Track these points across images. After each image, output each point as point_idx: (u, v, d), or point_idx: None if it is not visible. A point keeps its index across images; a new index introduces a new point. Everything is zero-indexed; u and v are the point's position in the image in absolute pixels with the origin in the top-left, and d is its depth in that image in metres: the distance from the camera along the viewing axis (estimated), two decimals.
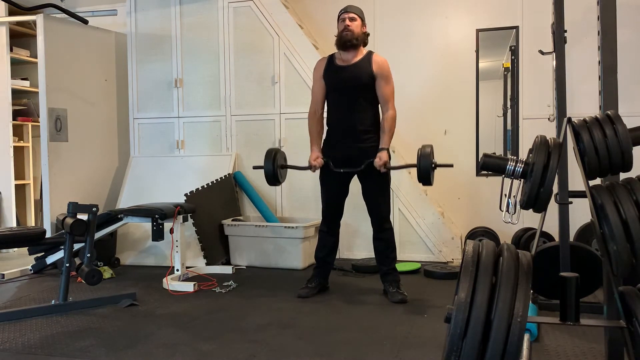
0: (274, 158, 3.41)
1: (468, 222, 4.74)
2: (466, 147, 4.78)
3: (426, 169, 3.09)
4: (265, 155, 3.43)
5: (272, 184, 3.51)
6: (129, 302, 3.32)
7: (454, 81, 4.79)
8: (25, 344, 2.64)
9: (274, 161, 3.40)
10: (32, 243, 3.59)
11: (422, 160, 3.10)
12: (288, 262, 4.29)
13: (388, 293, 3.37)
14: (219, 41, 4.94)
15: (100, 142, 5.12)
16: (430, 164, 3.10)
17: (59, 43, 4.69)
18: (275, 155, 3.43)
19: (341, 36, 3.35)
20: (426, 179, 3.13)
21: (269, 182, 3.46)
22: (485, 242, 1.52)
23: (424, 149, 3.14)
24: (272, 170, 3.39)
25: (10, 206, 5.19)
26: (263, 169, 3.41)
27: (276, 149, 3.49)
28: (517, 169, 1.95)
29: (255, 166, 3.61)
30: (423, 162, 3.09)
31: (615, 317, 1.91)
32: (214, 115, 4.99)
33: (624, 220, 1.63)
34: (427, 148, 3.14)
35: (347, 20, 3.34)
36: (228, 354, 2.48)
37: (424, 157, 3.10)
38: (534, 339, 2.55)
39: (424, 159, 3.10)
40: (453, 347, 1.34)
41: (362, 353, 2.47)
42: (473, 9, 4.76)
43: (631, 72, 4.22)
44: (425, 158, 3.10)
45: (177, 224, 3.89)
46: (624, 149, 1.81)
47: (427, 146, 3.16)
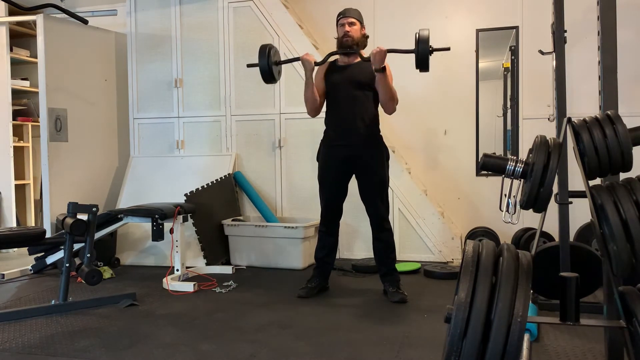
0: (268, 54, 3.31)
1: (468, 222, 4.74)
2: (466, 147, 4.78)
3: (424, 53, 3.03)
4: (259, 52, 3.32)
5: (268, 82, 3.39)
6: (129, 302, 3.32)
7: (454, 81, 4.79)
8: (25, 344, 2.64)
9: (268, 57, 3.30)
10: (32, 243, 3.59)
11: (420, 45, 3.04)
12: (288, 262, 4.29)
13: (388, 293, 3.37)
14: (219, 41, 4.94)
15: (100, 142, 5.12)
16: (428, 49, 3.04)
17: (59, 43, 4.69)
18: (269, 51, 3.32)
19: (342, 42, 3.36)
20: (424, 64, 3.08)
21: (264, 79, 3.36)
22: (485, 242, 1.52)
23: (422, 32, 3.07)
24: (267, 66, 3.29)
25: (10, 206, 5.19)
26: (258, 66, 3.31)
27: (269, 45, 3.37)
28: (517, 169, 1.95)
29: (250, 64, 3.47)
30: (421, 46, 3.03)
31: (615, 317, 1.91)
32: (214, 115, 4.99)
33: (624, 220, 1.63)
34: (424, 31, 3.07)
35: (347, 26, 3.34)
36: (228, 354, 2.48)
37: (422, 42, 3.04)
38: (534, 339, 2.55)
39: (422, 44, 3.04)
40: (453, 347, 1.34)
41: (362, 353, 2.47)
42: (473, 9, 4.77)
43: (631, 72, 4.23)
44: (423, 43, 3.04)
45: (177, 224, 3.89)
46: (624, 149, 1.81)
47: (424, 29, 3.09)
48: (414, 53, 3.07)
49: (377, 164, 3.39)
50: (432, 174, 4.88)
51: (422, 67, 3.10)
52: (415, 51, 3.06)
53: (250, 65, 3.43)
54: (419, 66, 3.09)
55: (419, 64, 3.08)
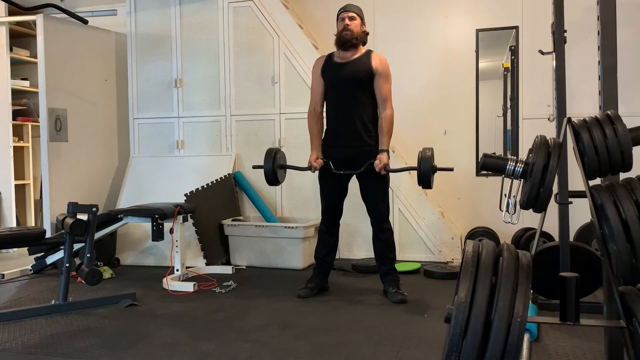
0: (274, 158, 3.40)
1: (468, 222, 4.74)
2: (466, 147, 4.78)
3: (426, 173, 3.10)
4: (265, 155, 3.42)
5: (272, 184, 3.50)
6: (129, 302, 3.32)
7: (454, 81, 4.79)
8: (25, 344, 2.64)
9: (274, 161, 3.40)
10: (32, 243, 3.59)
11: (422, 164, 3.10)
12: (288, 262, 4.29)
13: (388, 293, 3.36)
14: (219, 41, 4.94)
15: (100, 142, 5.11)
16: (431, 168, 3.10)
17: (59, 43, 4.69)
18: (275, 155, 3.42)
19: (341, 35, 3.35)
20: (426, 183, 3.14)
21: (268, 182, 3.46)
22: (485, 242, 1.52)
23: (425, 152, 3.14)
24: (271, 170, 3.39)
25: (10, 206, 5.19)
26: (263, 168, 3.41)
27: (276, 148, 3.49)
28: (517, 169, 1.95)
29: (255, 166, 3.61)
30: (423, 165, 3.10)
31: (615, 317, 1.91)
32: (214, 115, 4.99)
33: (624, 220, 1.63)
34: (427, 151, 3.14)
35: (347, 20, 3.34)
36: (228, 354, 2.48)
37: (425, 161, 3.10)
38: (534, 339, 2.55)
39: (425, 162, 3.10)
40: (453, 347, 1.34)
41: (362, 353, 2.47)
42: (473, 9, 4.76)
43: (631, 72, 4.22)
44: (426, 161, 3.10)
45: (177, 224, 3.89)
46: (623, 149, 1.81)
47: (427, 149, 3.17)
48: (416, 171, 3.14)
49: None
50: None
51: (424, 185, 3.16)
52: (417, 169, 3.12)
53: (256, 167, 3.55)
54: (421, 184, 3.17)
55: (421, 182, 3.15)
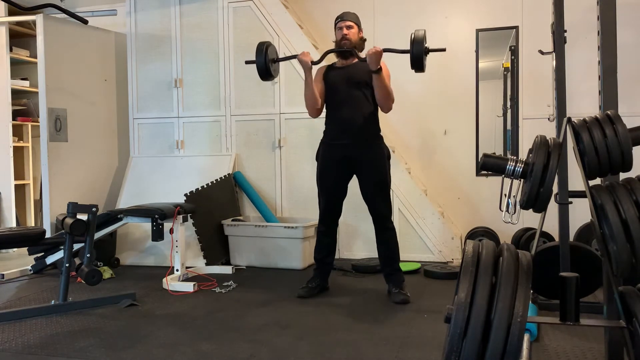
0: (265, 52, 3.32)
1: (468, 222, 4.74)
2: (466, 147, 4.78)
3: (419, 54, 3.03)
4: (256, 49, 3.33)
5: (266, 79, 3.40)
6: (129, 302, 3.32)
7: (454, 81, 4.79)
8: (25, 344, 2.64)
9: (265, 54, 3.31)
10: (32, 243, 3.59)
11: (414, 46, 3.03)
12: (288, 262, 4.29)
13: (391, 293, 3.37)
14: (219, 41, 4.94)
15: (100, 142, 5.11)
16: (423, 50, 3.04)
17: (58, 43, 4.69)
18: (267, 48, 3.33)
19: (340, 45, 3.39)
20: (419, 65, 3.08)
21: (261, 76, 3.36)
22: (485, 242, 1.52)
23: (417, 32, 3.06)
24: (263, 64, 3.29)
25: (10, 206, 5.19)
26: (255, 63, 3.31)
27: (267, 42, 3.38)
28: (517, 169, 1.95)
29: (248, 61, 3.46)
30: (416, 47, 3.03)
31: (615, 317, 1.91)
32: (214, 115, 4.99)
33: (624, 220, 1.63)
34: (419, 32, 3.07)
35: (345, 29, 3.37)
36: (228, 354, 2.48)
37: (417, 43, 3.03)
38: (534, 339, 2.55)
39: (417, 44, 3.03)
40: (453, 347, 1.34)
41: (362, 353, 2.46)
42: (473, 9, 4.76)
43: (631, 72, 4.22)
44: (418, 44, 3.03)
45: (177, 224, 3.89)
46: (623, 149, 1.81)
47: (419, 30, 3.09)
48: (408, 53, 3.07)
49: (378, 164, 3.39)
50: (432, 174, 4.88)
51: (417, 68, 3.11)
52: (410, 51, 3.06)
53: (248, 62, 3.43)
54: (414, 66, 3.11)
55: (414, 64, 3.09)
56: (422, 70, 3.12)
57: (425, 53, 3.06)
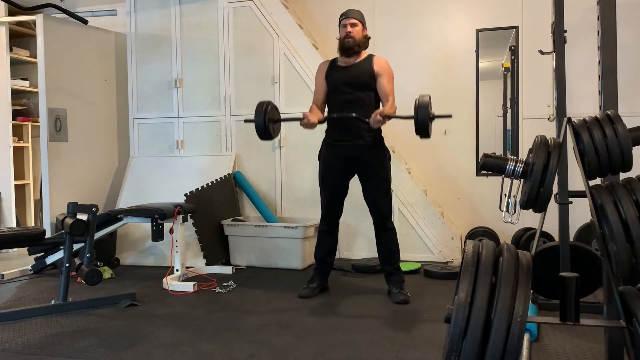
0: (265, 111, 3.20)
1: (468, 222, 4.74)
2: (466, 147, 4.78)
3: (424, 120, 2.93)
4: (255, 109, 3.22)
5: (264, 139, 3.31)
6: (129, 302, 3.32)
7: (454, 81, 4.79)
8: (25, 344, 2.64)
9: (265, 114, 3.19)
10: (32, 243, 3.59)
11: (419, 112, 2.93)
12: (288, 262, 4.29)
13: (391, 293, 3.37)
14: (219, 41, 4.94)
15: (100, 142, 5.11)
16: (428, 115, 2.95)
17: (58, 43, 4.69)
18: (267, 108, 3.23)
19: (343, 43, 3.37)
20: (424, 131, 2.98)
21: (260, 136, 3.26)
22: (485, 242, 1.52)
23: (422, 98, 2.98)
24: (263, 124, 3.18)
25: (10, 206, 5.19)
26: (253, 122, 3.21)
27: (267, 101, 3.28)
28: (517, 169, 1.95)
29: (247, 119, 3.34)
30: (421, 113, 2.92)
31: (615, 317, 1.91)
32: (214, 115, 4.99)
33: (624, 220, 1.63)
34: (424, 97, 2.99)
35: (349, 27, 3.35)
36: (228, 354, 2.48)
37: (422, 108, 2.94)
38: (534, 339, 2.55)
39: (422, 110, 2.94)
40: (453, 347, 1.34)
41: (362, 353, 2.46)
42: (473, 9, 4.76)
43: (631, 72, 4.22)
44: (423, 108, 2.93)
45: (177, 224, 3.88)
46: (623, 149, 1.81)
47: (424, 96, 3.01)
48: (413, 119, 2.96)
49: (379, 164, 3.39)
50: (432, 174, 4.88)
51: (422, 134, 2.98)
52: (414, 117, 2.94)
53: (248, 121, 3.29)
54: (418, 133, 2.99)
55: (419, 131, 2.97)
56: (428, 136, 2.99)
57: (431, 119, 2.95)
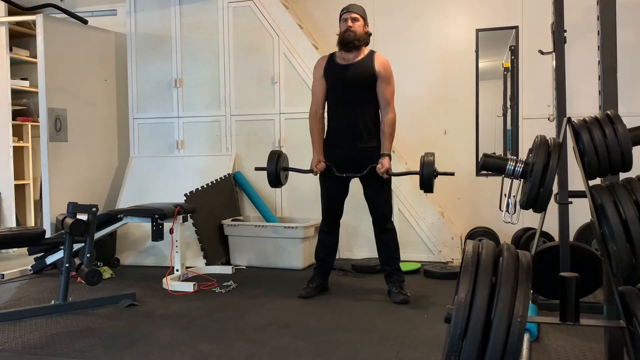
0: (277, 160, 3.46)
1: (468, 222, 4.74)
2: (466, 147, 4.77)
3: (429, 178, 3.19)
4: (268, 157, 3.49)
5: (275, 186, 3.58)
6: (129, 302, 3.32)
7: (454, 81, 4.79)
8: (25, 344, 2.64)
9: (277, 163, 3.46)
10: (32, 243, 3.59)
11: (424, 169, 3.19)
12: (288, 262, 4.29)
13: (391, 293, 3.36)
14: (219, 41, 4.94)
15: (100, 142, 5.11)
16: (433, 172, 3.19)
17: (58, 43, 4.69)
18: (279, 157, 3.49)
19: (343, 37, 3.33)
20: (428, 187, 3.22)
21: (271, 184, 3.53)
22: (485, 242, 1.52)
23: (427, 157, 3.22)
24: (274, 173, 3.46)
25: (10, 206, 5.18)
26: (266, 170, 3.47)
27: (279, 151, 3.56)
28: (517, 169, 1.95)
29: (258, 167, 3.66)
30: (426, 170, 3.19)
31: (615, 317, 1.91)
32: (214, 115, 4.99)
33: (624, 220, 1.63)
34: (429, 157, 3.22)
35: (350, 21, 3.32)
36: (228, 354, 2.48)
37: (427, 166, 3.19)
38: (534, 339, 2.55)
39: (427, 167, 3.19)
40: (453, 347, 1.34)
41: (362, 353, 2.46)
42: (473, 9, 4.76)
43: (631, 72, 4.22)
44: (428, 166, 3.19)
45: (177, 224, 3.88)
46: (623, 149, 1.81)
47: (429, 154, 3.24)
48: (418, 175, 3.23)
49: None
50: None
51: (426, 189, 3.25)
52: (420, 174, 3.21)
53: (259, 169, 3.62)
54: (422, 187, 3.24)
55: (423, 186, 3.23)
56: (431, 191, 3.27)
57: (435, 175, 3.20)
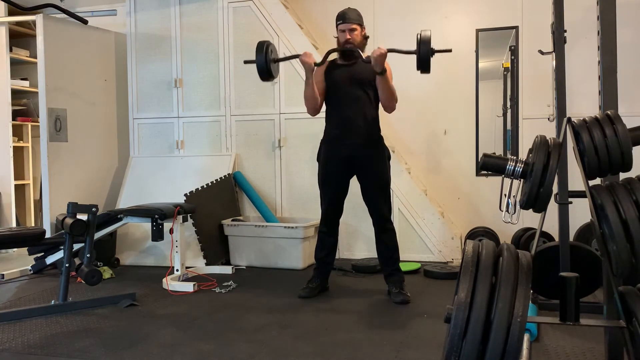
0: (266, 51, 3.23)
1: (468, 222, 4.74)
2: (466, 147, 4.78)
3: (425, 54, 3.02)
4: (256, 48, 3.24)
5: (265, 79, 3.32)
6: (129, 302, 3.32)
7: (454, 81, 4.79)
8: (25, 344, 2.64)
9: (265, 54, 3.22)
10: (32, 243, 3.59)
11: (421, 46, 3.01)
12: (288, 262, 4.29)
13: (391, 293, 3.36)
14: (219, 41, 4.94)
15: (100, 142, 5.11)
16: (429, 49, 3.02)
17: (58, 43, 4.69)
18: (267, 48, 3.25)
19: (344, 50, 3.34)
20: (425, 65, 3.05)
21: (261, 76, 3.29)
22: (485, 242, 1.52)
23: (424, 33, 3.05)
24: (264, 63, 3.21)
25: (10, 206, 5.18)
26: (255, 62, 3.24)
27: (267, 41, 3.30)
28: (517, 169, 1.95)
29: (247, 60, 3.39)
30: (423, 47, 3.01)
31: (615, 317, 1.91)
32: (214, 115, 4.99)
33: (624, 220, 1.63)
34: (426, 32, 3.05)
35: (347, 34, 3.32)
36: (228, 354, 2.48)
37: (424, 43, 3.02)
38: (534, 339, 2.55)
39: (424, 44, 3.02)
40: (453, 347, 1.34)
41: (362, 353, 2.46)
42: (473, 9, 4.76)
43: (631, 72, 4.22)
44: (425, 43, 3.01)
45: (177, 224, 3.89)
46: (623, 149, 1.81)
47: (426, 30, 3.06)
48: (415, 54, 3.05)
49: (378, 164, 3.39)
50: (432, 174, 4.88)
51: (423, 69, 3.08)
52: (416, 52, 3.04)
53: (248, 62, 3.37)
54: (420, 67, 3.08)
55: (420, 65, 3.06)
56: (428, 71, 3.09)
57: (432, 54, 3.04)
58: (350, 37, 3.32)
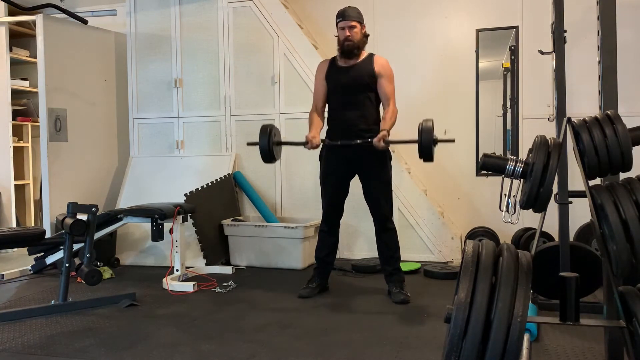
0: (269, 134, 3.30)
1: (468, 222, 4.74)
2: (466, 147, 4.77)
3: (428, 145, 2.99)
4: (260, 131, 3.31)
5: (268, 161, 3.38)
6: (129, 302, 3.32)
7: (454, 81, 4.79)
8: (25, 344, 2.64)
9: (269, 137, 3.29)
10: (32, 243, 3.59)
11: (423, 136, 2.99)
12: (288, 262, 4.29)
13: (391, 293, 3.36)
14: (219, 41, 4.94)
15: (100, 142, 5.11)
16: (432, 140, 3.00)
17: (58, 43, 4.69)
18: (271, 131, 3.31)
19: (343, 47, 3.35)
20: (427, 155, 3.04)
21: (264, 159, 3.34)
22: (485, 242, 1.52)
23: (426, 123, 3.03)
24: (267, 146, 3.27)
25: (10, 206, 5.18)
26: (258, 145, 3.29)
27: (270, 125, 3.37)
28: (517, 169, 1.95)
29: (250, 142, 3.45)
30: (425, 137, 2.99)
31: (615, 317, 1.91)
32: (214, 115, 4.99)
33: (624, 220, 1.63)
34: (428, 122, 3.03)
35: (347, 31, 3.32)
36: (228, 354, 2.47)
37: (426, 132, 3.00)
38: (534, 339, 2.55)
39: (426, 134, 2.99)
40: (453, 347, 1.34)
41: (362, 353, 2.46)
42: (473, 9, 4.76)
43: (631, 72, 4.22)
44: (427, 133, 2.99)
45: (177, 224, 3.89)
46: (623, 149, 1.81)
47: (428, 120, 3.05)
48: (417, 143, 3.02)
49: (380, 165, 3.39)
50: (432, 174, 4.87)
51: (425, 158, 3.05)
52: (418, 142, 3.00)
53: (251, 144, 3.40)
54: (422, 157, 3.05)
55: (422, 154, 3.03)
56: (431, 160, 3.05)
57: (434, 143, 3.00)
58: (350, 34, 3.32)
